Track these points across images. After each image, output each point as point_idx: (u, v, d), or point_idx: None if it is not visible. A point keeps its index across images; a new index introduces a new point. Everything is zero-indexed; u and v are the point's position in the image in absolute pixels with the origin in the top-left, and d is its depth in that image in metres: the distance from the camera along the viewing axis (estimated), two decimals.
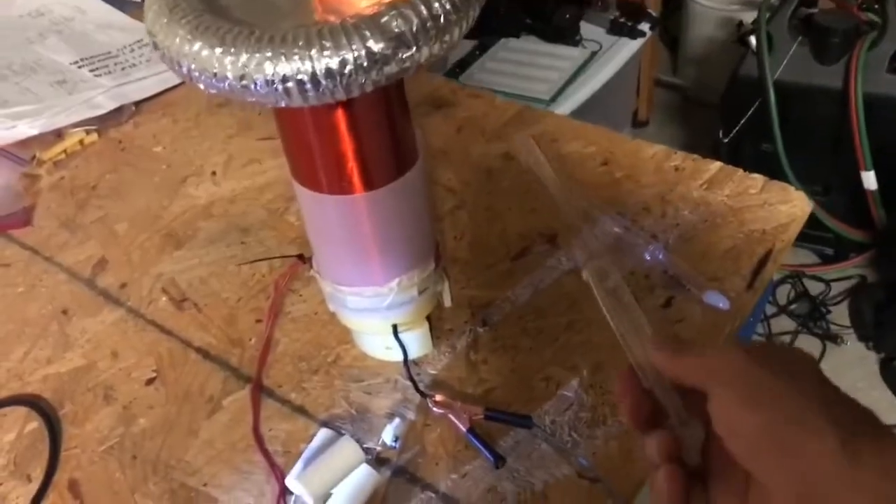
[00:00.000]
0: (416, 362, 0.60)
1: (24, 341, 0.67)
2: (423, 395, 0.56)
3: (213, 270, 0.71)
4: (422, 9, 0.38)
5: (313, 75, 0.37)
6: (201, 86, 0.40)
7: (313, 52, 0.37)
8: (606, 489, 0.50)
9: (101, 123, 0.90)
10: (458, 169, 0.77)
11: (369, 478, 0.52)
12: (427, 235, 0.55)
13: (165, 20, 0.40)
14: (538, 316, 0.62)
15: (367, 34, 0.37)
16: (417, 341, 0.59)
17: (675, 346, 0.36)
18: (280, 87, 0.38)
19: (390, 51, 0.38)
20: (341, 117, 0.44)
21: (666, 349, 0.36)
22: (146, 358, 0.64)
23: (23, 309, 0.70)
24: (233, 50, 0.38)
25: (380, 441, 0.55)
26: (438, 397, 0.56)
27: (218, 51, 0.38)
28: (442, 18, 0.39)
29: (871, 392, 1.48)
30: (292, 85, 0.38)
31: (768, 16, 1.49)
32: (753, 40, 1.49)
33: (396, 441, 0.54)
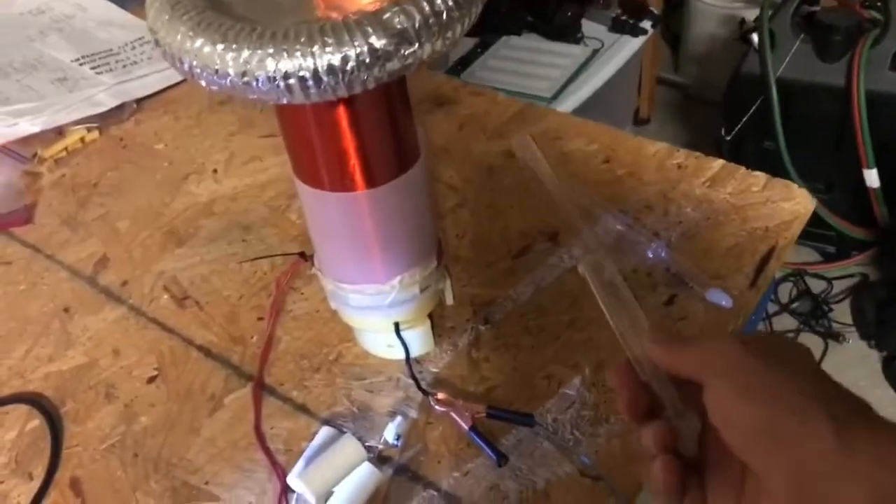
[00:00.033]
0: (417, 360, 0.60)
1: (26, 339, 0.67)
2: (424, 393, 0.56)
3: (214, 268, 0.71)
4: (424, 5, 0.38)
5: (315, 72, 0.37)
6: (203, 83, 0.40)
7: (315, 49, 0.37)
8: (609, 487, 0.50)
9: (103, 121, 0.90)
10: (459, 166, 0.77)
11: (371, 476, 0.52)
12: (429, 233, 0.55)
13: (167, 17, 0.40)
14: (540, 314, 0.62)
15: (370, 30, 0.37)
16: (419, 339, 0.59)
17: (671, 339, 0.36)
18: (282, 83, 0.38)
19: (392, 47, 0.38)
20: (343, 114, 0.44)
21: (662, 342, 0.36)
22: (147, 356, 0.64)
23: (24, 307, 0.70)
24: (234, 46, 0.37)
25: (381, 439, 0.55)
26: (440, 395, 0.56)
27: (220, 47, 0.38)
28: (444, 15, 0.39)
29: (873, 390, 1.48)
30: (294, 81, 0.37)
31: (771, 13, 1.49)
32: (756, 38, 1.48)
33: (398, 439, 0.54)
